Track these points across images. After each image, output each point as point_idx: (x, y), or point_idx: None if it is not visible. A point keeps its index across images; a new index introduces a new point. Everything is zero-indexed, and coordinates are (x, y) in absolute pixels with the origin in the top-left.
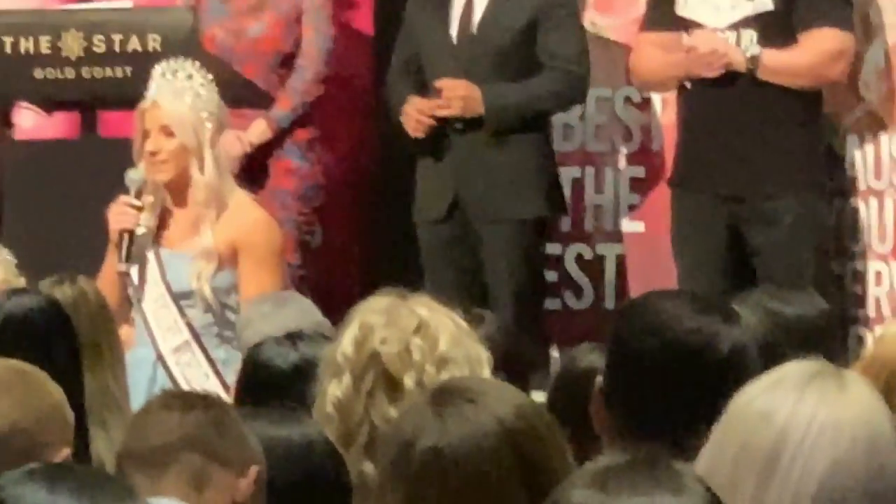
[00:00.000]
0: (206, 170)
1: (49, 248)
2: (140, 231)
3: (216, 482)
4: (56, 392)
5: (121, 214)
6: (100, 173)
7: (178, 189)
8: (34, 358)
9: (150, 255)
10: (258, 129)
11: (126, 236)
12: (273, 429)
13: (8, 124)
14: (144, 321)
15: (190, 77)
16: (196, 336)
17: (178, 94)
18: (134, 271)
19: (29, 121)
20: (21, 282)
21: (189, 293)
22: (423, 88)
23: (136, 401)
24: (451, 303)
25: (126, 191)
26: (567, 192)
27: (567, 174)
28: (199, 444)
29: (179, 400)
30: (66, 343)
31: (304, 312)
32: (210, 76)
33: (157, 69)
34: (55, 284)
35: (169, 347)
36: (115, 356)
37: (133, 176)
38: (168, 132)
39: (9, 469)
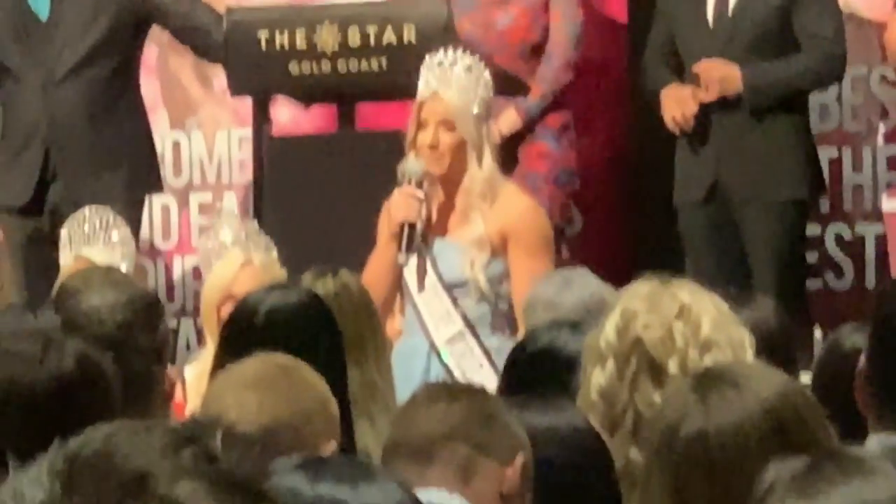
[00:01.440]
0: (485, 163)
1: (307, 243)
2: (420, 223)
3: (483, 473)
4: (321, 386)
5: (405, 205)
6: (357, 167)
7: (451, 180)
8: (298, 353)
9: (423, 246)
10: (508, 119)
11: (407, 228)
12: (538, 417)
13: (266, 119)
14: (417, 312)
15: (469, 69)
16: (470, 326)
17: (460, 87)
18: (410, 262)
19: (286, 115)
20: (283, 275)
21: (461, 283)
22: (680, 73)
23: (412, 389)
24: (714, 286)
25: (390, 182)
26: (825, 172)
27: (824, 154)
28: (466, 435)
29: (445, 391)
30: (330, 337)
31: (590, 292)
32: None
33: (433, 58)
34: (316, 278)
35: (442, 338)
36: (380, 349)
37: (413, 167)
38: (449, 126)
39: None
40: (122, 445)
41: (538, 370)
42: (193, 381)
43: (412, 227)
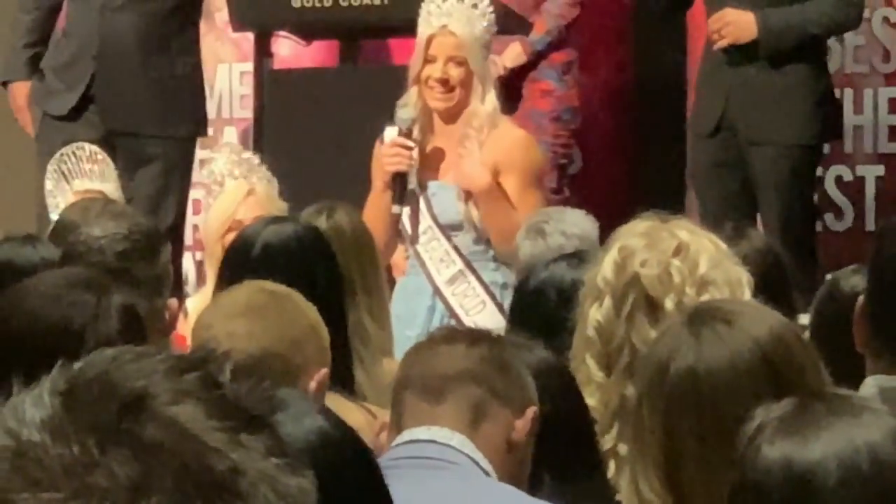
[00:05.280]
0: (488, 98)
1: (307, 178)
2: (413, 171)
3: (494, 417)
4: (311, 313)
5: (395, 156)
6: (357, 101)
7: (450, 116)
8: (295, 285)
9: (416, 190)
10: (513, 53)
11: (398, 178)
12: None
13: (268, 53)
14: (417, 255)
15: (475, 4)
16: (468, 264)
17: (469, 21)
18: (405, 210)
19: (287, 49)
20: (284, 207)
21: (458, 223)
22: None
23: (416, 325)
24: (717, 221)
25: (390, 118)
26: None
27: None
28: (482, 379)
29: (465, 334)
30: (327, 270)
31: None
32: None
33: None
34: (314, 215)
35: (443, 280)
36: (372, 291)
37: (403, 115)
38: (459, 60)
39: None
40: (125, 368)
41: (540, 304)
42: (195, 313)
43: (403, 177)
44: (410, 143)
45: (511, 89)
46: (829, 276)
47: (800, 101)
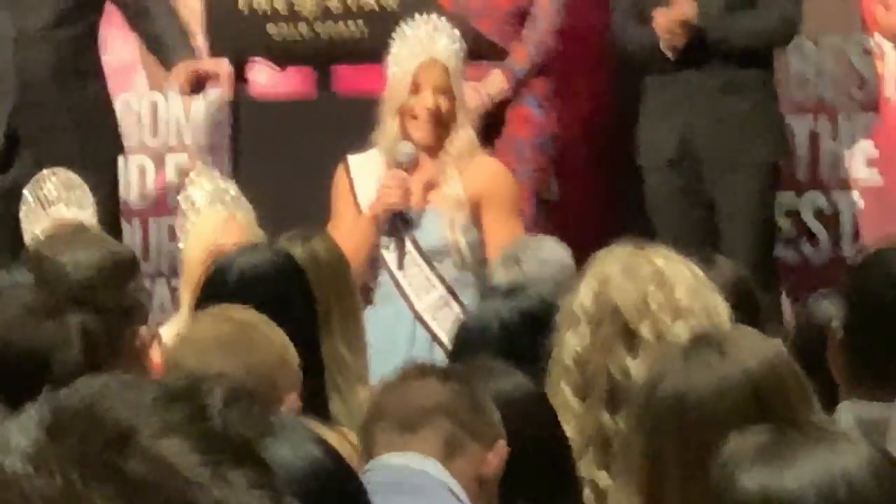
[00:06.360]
0: (468, 129)
1: (283, 206)
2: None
3: (466, 452)
4: (277, 339)
5: (394, 190)
6: (333, 131)
7: (433, 146)
8: (270, 313)
9: (404, 227)
10: (496, 81)
11: (396, 213)
12: (488, 384)
13: (243, 79)
14: (396, 283)
15: (452, 37)
16: (450, 290)
17: (454, 51)
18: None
19: (263, 76)
20: (262, 235)
21: (439, 249)
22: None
23: (397, 355)
24: (679, 250)
25: (365, 147)
26: (804, 141)
27: (803, 124)
28: (455, 414)
29: (435, 370)
30: (302, 298)
31: (556, 257)
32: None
33: (416, 24)
34: (289, 243)
35: (424, 305)
36: (349, 320)
37: (406, 150)
38: (446, 92)
39: None
40: (111, 399)
41: (476, 341)
42: (170, 342)
43: (398, 213)
44: (409, 180)
45: (493, 115)
46: (806, 303)
47: (759, 119)
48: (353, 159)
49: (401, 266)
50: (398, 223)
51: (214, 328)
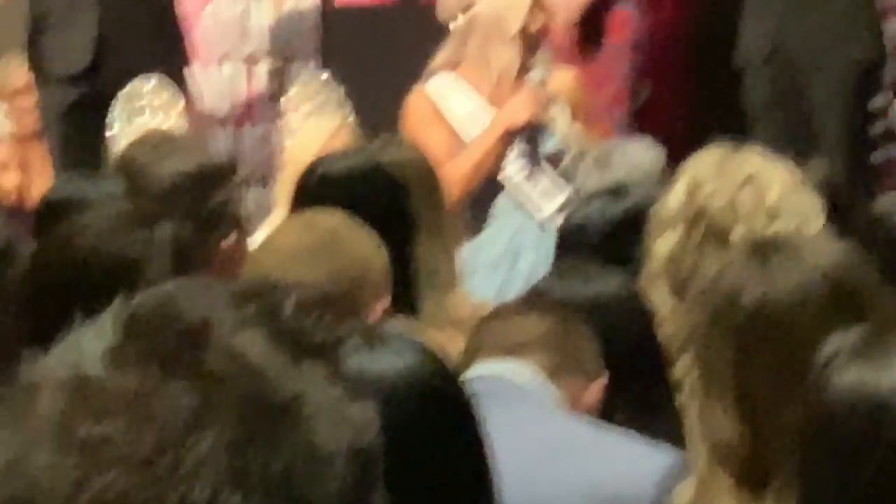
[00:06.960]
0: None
1: (369, 112)
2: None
3: (566, 383)
4: (362, 245)
5: (533, 105)
6: (417, 40)
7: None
8: (361, 218)
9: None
10: None
11: (528, 130)
12: (582, 287)
13: None
14: (522, 194)
15: None
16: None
17: None
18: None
19: None
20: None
21: (560, 154)
22: None
23: (524, 265)
24: (776, 150)
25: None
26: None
27: (890, 27)
28: (556, 347)
29: (537, 304)
30: (393, 204)
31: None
32: None
33: None
34: (379, 148)
35: (552, 210)
36: (440, 226)
37: (541, 72)
38: (547, 9)
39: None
40: (187, 298)
41: (578, 241)
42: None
43: (533, 128)
44: (545, 98)
45: (591, 20)
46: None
47: (853, 19)
48: (431, 87)
49: (530, 176)
50: (534, 134)
51: (298, 235)
